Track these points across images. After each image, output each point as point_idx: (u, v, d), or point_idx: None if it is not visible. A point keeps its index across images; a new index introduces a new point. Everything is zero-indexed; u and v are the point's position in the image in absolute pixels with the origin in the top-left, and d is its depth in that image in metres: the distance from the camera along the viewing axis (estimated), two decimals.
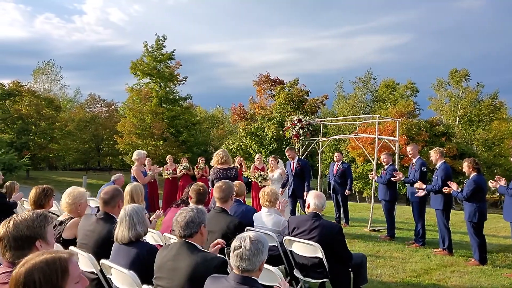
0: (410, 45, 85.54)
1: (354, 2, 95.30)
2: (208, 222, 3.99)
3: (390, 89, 39.17)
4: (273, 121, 27.77)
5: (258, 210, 5.10)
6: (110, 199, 3.69)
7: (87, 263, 3.34)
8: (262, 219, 4.54)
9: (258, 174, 9.67)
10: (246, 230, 4.54)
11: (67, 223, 3.84)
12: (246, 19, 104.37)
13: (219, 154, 6.21)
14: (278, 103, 30.01)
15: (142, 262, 2.98)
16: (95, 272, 3.28)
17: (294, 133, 10.60)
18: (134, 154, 7.45)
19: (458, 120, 36.12)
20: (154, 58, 32.59)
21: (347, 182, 9.30)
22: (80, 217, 3.95)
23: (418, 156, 7.51)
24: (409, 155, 7.73)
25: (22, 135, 31.23)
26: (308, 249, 3.96)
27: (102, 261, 3.11)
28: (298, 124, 10.56)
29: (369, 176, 8.82)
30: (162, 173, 11.64)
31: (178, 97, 34.61)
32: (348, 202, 9.76)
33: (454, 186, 6.08)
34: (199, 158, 11.74)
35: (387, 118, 15.15)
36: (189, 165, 11.40)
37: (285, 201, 4.93)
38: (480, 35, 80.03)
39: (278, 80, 34.04)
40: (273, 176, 9.17)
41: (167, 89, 33.91)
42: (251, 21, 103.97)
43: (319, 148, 11.40)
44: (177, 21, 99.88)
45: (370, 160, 10.03)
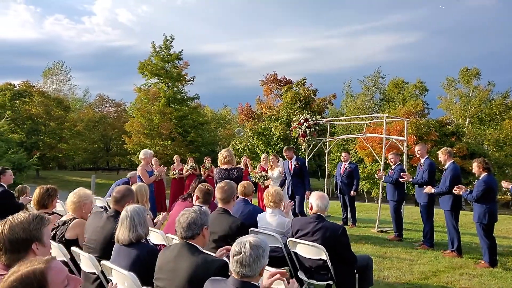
0: (420, 43, 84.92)
1: (363, 1, 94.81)
2: (210, 223, 3.97)
3: (399, 88, 38.83)
4: (280, 120, 27.69)
5: (265, 210, 5.05)
6: (121, 198, 3.80)
7: (88, 264, 3.33)
8: (266, 220, 4.49)
9: (259, 174, 9.51)
10: (250, 231, 4.51)
11: (70, 223, 3.83)
12: (254, 19, 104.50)
13: (223, 153, 6.16)
14: (285, 103, 29.90)
15: (142, 263, 2.95)
16: (96, 273, 3.27)
17: (301, 132, 10.52)
18: (141, 153, 7.46)
19: (468, 119, 35.68)
20: (162, 58, 32.73)
21: (354, 182, 9.21)
22: (83, 218, 3.95)
23: (426, 156, 7.38)
24: (417, 155, 7.60)
25: (32, 135, 31.62)
26: (312, 250, 3.89)
27: (103, 262, 3.08)
28: (305, 123, 10.48)
29: (376, 175, 8.72)
30: (169, 173, 11.67)
31: (185, 97, 34.72)
32: (355, 203, 9.66)
33: (463, 189, 5.96)
34: (206, 158, 11.76)
35: (395, 118, 14.97)
36: (195, 165, 11.40)
37: (291, 203, 4.85)
38: (491, 33, 79.05)
39: (285, 79, 33.94)
40: (272, 174, 9.11)
41: (175, 89, 34.03)
42: (259, 21, 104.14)
43: (326, 148, 11.31)
44: (185, 21, 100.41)
45: (378, 160, 9.90)
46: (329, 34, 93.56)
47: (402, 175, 7.36)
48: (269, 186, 8.48)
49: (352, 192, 9.16)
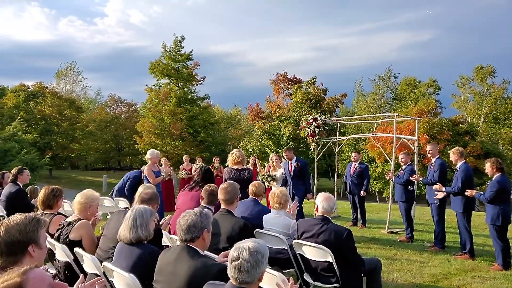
0: (433, 41, 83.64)
1: None
2: (213, 224, 3.93)
3: (411, 87, 38.33)
4: (289, 120, 27.54)
5: None
6: (148, 200, 3.91)
7: (91, 265, 3.32)
8: (272, 221, 4.42)
9: (267, 174, 9.20)
10: (255, 232, 4.46)
11: (75, 224, 3.83)
12: (265, 18, 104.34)
13: (236, 153, 6.15)
14: (295, 102, 29.74)
15: (144, 264, 2.92)
16: (99, 274, 3.25)
17: (310, 132, 10.42)
18: (148, 153, 7.47)
19: (482, 118, 35.03)
20: (172, 58, 32.87)
21: (364, 182, 9.09)
22: (87, 219, 3.94)
23: (438, 156, 7.22)
24: (428, 155, 7.45)
25: (45, 136, 32.08)
26: (317, 253, 3.82)
27: (104, 263, 3.06)
28: (314, 123, 10.38)
29: (385, 176, 8.58)
30: (178, 172, 11.70)
31: (196, 97, 34.82)
32: (365, 203, 9.52)
33: (473, 192, 5.81)
34: (214, 158, 11.76)
35: (406, 117, 14.75)
36: (203, 164, 11.38)
37: (295, 204, 4.78)
38: (506, 30, 77.53)
39: (295, 79, 33.76)
40: (275, 175, 8.93)
41: (186, 89, 34.15)
42: (270, 20, 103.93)
43: (336, 147, 11.19)
44: (196, 21, 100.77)
45: (388, 160, 9.76)
46: (341, 32, 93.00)
47: (413, 175, 7.24)
48: (271, 187, 8.39)
49: (362, 192, 9.03)
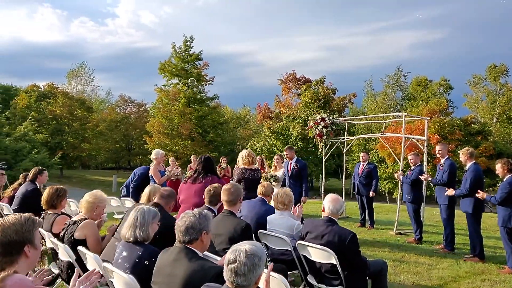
0: (445, 40, 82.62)
1: None
2: (215, 225, 3.89)
3: (422, 86, 37.81)
4: (298, 120, 27.41)
5: None
6: (167, 196, 4.03)
7: (94, 264, 3.31)
8: (275, 222, 4.37)
9: (269, 175, 8.81)
10: (259, 233, 4.42)
11: (80, 223, 3.83)
12: (275, 18, 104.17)
13: (250, 154, 6.22)
14: (304, 102, 29.61)
15: (143, 265, 2.90)
16: (102, 273, 3.24)
17: (317, 132, 10.34)
18: (153, 153, 7.48)
19: (495, 118, 34.44)
20: (182, 59, 33.02)
21: (373, 183, 8.98)
22: (93, 220, 3.94)
23: (447, 156, 7.09)
24: (437, 155, 7.32)
25: (56, 135, 32.47)
26: (321, 254, 3.76)
27: (104, 264, 3.05)
28: (321, 123, 10.30)
29: (394, 175, 8.46)
30: (186, 172, 11.70)
31: (205, 97, 34.92)
32: (373, 204, 9.41)
33: (484, 194, 5.67)
34: (221, 158, 11.75)
35: (415, 117, 14.55)
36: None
37: (300, 206, 4.72)
38: None
39: (304, 78, 33.62)
40: (276, 175, 8.57)
41: (195, 89, 34.26)
42: (280, 20, 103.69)
43: (344, 147, 11.08)
44: (206, 21, 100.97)
45: (397, 160, 9.62)
46: (351, 32, 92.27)
47: (422, 175, 7.13)
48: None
49: (371, 193, 8.93)
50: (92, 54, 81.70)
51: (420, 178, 7.32)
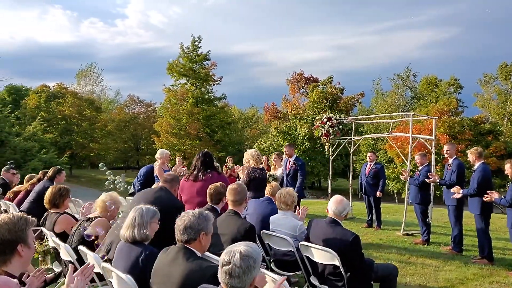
0: (457, 39, 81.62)
1: None
2: (219, 224, 3.86)
3: (432, 86, 37.40)
4: (305, 120, 27.30)
5: None
6: (171, 180, 4.16)
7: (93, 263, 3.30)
8: (278, 222, 4.33)
9: (268, 174, 8.47)
10: (262, 233, 4.37)
11: (94, 220, 3.87)
12: (284, 18, 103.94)
13: (259, 154, 6.27)
14: (311, 102, 29.49)
15: (141, 265, 2.87)
16: (101, 272, 3.23)
17: (324, 132, 10.26)
18: (157, 153, 7.47)
19: (506, 117, 33.94)
20: (190, 59, 33.13)
21: (380, 183, 8.88)
22: (108, 220, 3.97)
23: (455, 156, 6.97)
24: (445, 155, 7.19)
25: (65, 135, 32.80)
26: (324, 255, 3.71)
27: (103, 264, 3.03)
28: (328, 122, 10.21)
29: (400, 176, 8.34)
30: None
31: (213, 97, 34.99)
32: (382, 204, 9.30)
33: (495, 194, 5.54)
34: (228, 158, 11.72)
35: (423, 116, 14.35)
36: (217, 164, 11.35)
37: (305, 208, 4.66)
38: None
39: (312, 78, 33.49)
40: (275, 174, 8.50)
41: (203, 89, 34.35)
42: (289, 19, 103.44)
43: (352, 147, 10.97)
44: (215, 21, 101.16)
45: (404, 160, 9.50)
46: (361, 31, 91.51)
47: (429, 176, 7.01)
48: None
49: (378, 193, 8.82)
50: (101, 55, 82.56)
51: (426, 180, 7.17)
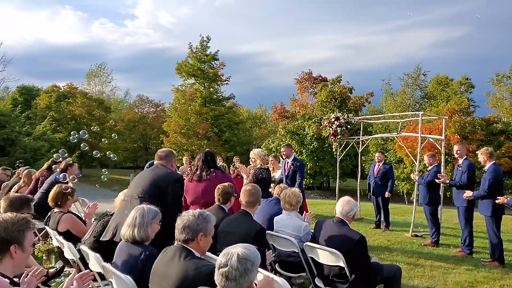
0: (468, 38, 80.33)
1: None
2: (229, 223, 3.82)
3: (443, 85, 36.94)
4: (314, 119, 27.15)
5: None
6: (165, 156, 4.08)
7: (95, 264, 3.28)
8: (282, 223, 4.27)
9: None
10: (267, 234, 4.32)
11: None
12: (292, 17, 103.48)
13: (266, 154, 6.25)
14: (320, 101, 29.32)
15: (141, 266, 2.83)
16: (103, 272, 3.21)
17: (331, 131, 10.16)
18: None
19: None
20: (198, 59, 33.20)
21: (389, 183, 8.77)
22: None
23: (466, 156, 6.83)
24: (455, 155, 7.05)
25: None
26: (329, 257, 3.64)
27: (103, 264, 3.01)
28: (336, 122, 10.11)
29: (411, 176, 8.22)
30: None
31: (221, 97, 35.03)
32: (391, 205, 9.15)
33: (504, 199, 5.40)
34: (235, 158, 11.69)
35: (432, 116, 14.17)
36: (224, 164, 11.32)
37: (310, 213, 4.60)
38: None
39: (320, 77, 33.31)
40: (274, 177, 8.13)
41: (211, 89, 34.41)
42: (297, 19, 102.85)
43: (360, 147, 10.85)
44: (223, 22, 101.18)
45: (413, 160, 9.37)
46: (370, 30, 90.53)
47: (439, 176, 6.88)
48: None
49: (387, 193, 8.70)
50: (111, 55, 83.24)
51: (435, 180, 7.04)
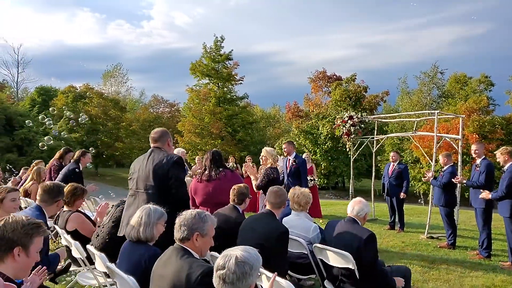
0: (488, 35, 78.24)
1: None
2: (254, 220, 3.85)
3: (461, 83, 36.09)
4: (328, 119, 26.87)
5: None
6: (159, 138, 3.93)
7: (100, 263, 3.26)
8: (291, 223, 4.16)
9: None
10: None
11: None
12: (307, 16, 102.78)
13: (277, 154, 6.12)
14: (334, 100, 29.00)
15: (144, 266, 2.79)
16: (107, 272, 3.19)
17: (345, 131, 10.01)
18: (174, 152, 7.45)
19: None
20: (212, 59, 33.27)
21: (404, 184, 8.57)
22: None
23: (484, 156, 6.59)
24: (474, 155, 6.82)
25: (91, 135, 33.64)
26: (339, 259, 3.54)
27: (107, 264, 2.98)
28: (349, 121, 9.95)
29: (423, 179, 8.00)
30: None
31: (235, 96, 35.05)
32: (407, 205, 8.95)
33: None
34: (247, 158, 11.63)
35: (449, 114, 13.80)
36: (236, 164, 11.30)
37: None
38: None
39: (335, 76, 32.96)
40: None
41: (225, 89, 34.45)
42: (313, 18, 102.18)
43: (374, 147, 10.64)
44: (238, 21, 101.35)
45: (429, 161, 9.12)
46: (387, 28, 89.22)
47: (455, 178, 6.68)
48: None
49: (402, 194, 8.51)
50: (127, 56, 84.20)
51: (452, 181, 6.84)
